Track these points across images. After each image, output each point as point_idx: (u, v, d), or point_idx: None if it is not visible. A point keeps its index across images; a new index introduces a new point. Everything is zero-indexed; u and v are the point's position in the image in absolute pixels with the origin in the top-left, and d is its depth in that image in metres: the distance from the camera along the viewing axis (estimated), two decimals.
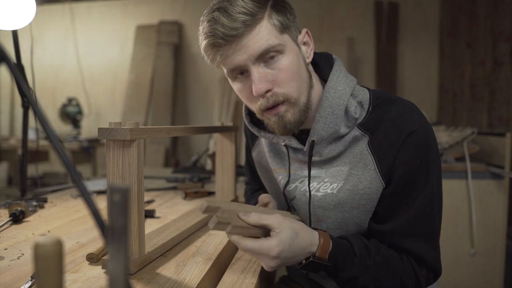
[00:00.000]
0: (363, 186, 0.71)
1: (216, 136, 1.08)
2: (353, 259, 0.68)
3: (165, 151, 3.74)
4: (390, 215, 0.72)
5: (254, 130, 0.83)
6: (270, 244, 0.60)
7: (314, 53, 0.78)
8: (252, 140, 0.95)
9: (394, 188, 0.70)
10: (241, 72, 0.70)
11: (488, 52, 2.60)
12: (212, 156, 1.86)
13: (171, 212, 1.04)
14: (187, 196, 1.21)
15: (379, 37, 3.59)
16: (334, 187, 0.74)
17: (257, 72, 0.67)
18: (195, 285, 0.58)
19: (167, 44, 3.93)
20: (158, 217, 0.98)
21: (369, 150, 0.71)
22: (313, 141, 0.73)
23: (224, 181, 1.10)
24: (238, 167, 1.66)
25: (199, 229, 0.89)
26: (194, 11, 4.06)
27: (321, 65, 0.77)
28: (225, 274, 0.67)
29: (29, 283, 0.56)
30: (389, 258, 0.70)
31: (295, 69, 0.69)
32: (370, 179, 0.71)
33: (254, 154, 0.95)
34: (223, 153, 1.08)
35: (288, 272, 1.04)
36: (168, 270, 0.64)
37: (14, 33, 1.18)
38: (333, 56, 0.79)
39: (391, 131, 0.69)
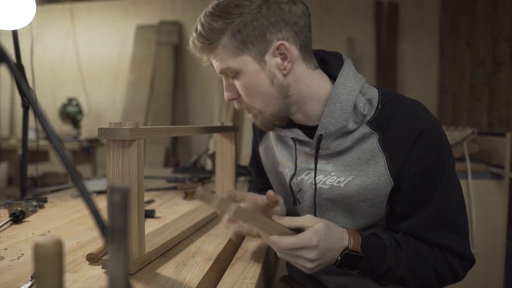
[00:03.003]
0: (371, 181, 0.72)
1: (216, 136, 1.08)
2: (385, 249, 0.70)
3: (165, 151, 3.74)
4: (410, 214, 0.73)
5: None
6: (308, 235, 0.62)
7: (324, 51, 0.81)
8: (260, 134, 0.97)
9: (410, 187, 0.71)
10: None
11: (488, 52, 2.60)
12: (212, 156, 1.86)
13: (171, 212, 1.04)
14: (187, 196, 1.21)
15: (379, 37, 3.59)
16: (341, 181, 0.75)
17: (225, 81, 0.77)
18: (195, 285, 0.58)
19: (167, 44, 3.93)
20: (158, 217, 0.98)
21: (380, 147, 0.72)
22: (320, 135, 0.75)
23: (224, 181, 1.10)
24: (238, 167, 1.66)
25: (199, 229, 0.89)
26: (194, 11, 4.06)
27: (331, 63, 0.79)
28: (225, 274, 0.67)
29: (29, 283, 0.56)
30: (419, 248, 0.72)
31: (253, 88, 0.73)
32: (378, 175, 0.72)
33: (261, 148, 0.96)
34: (223, 153, 1.08)
35: (288, 272, 1.04)
36: (168, 270, 0.64)
37: (14, 33, 1.18)
38: (343, 56, 0.81)
39: (402, 129, 0.71)
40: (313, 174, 0.78)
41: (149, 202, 1.16)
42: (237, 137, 1.10)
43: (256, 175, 1.09)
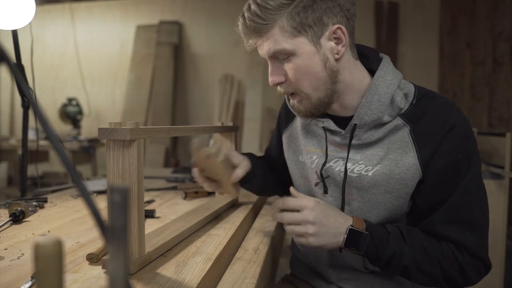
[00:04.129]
0: (400, 171, 0.73)
1: (216, 136, 1.08)
2: (388, 236, 0.72)
3: (165, 151, 3.74)
4: (431, 207, 0.74)
5: (294, 111, 0.87)
6: (305, 198, 0.73)
7: (363, 46, 0.83)
8: (286, 122, 0.98)
9: (435, 179, 0.72)
10: None
11: (488, 52, 2.60)
12: None
13: (171, 212, 1.04)
14: (187, 196, 1.21)
15: (379, 37, 3.59)
16: (369, 169, 0.76)
17: (272, 66, 0.76)
18: (195, 285, 0.58)
19: (167, 44, 3.94)
20: (158, 217, 0.98)
21: (411, 138, 0.73)
22: (355, 124, 0.76)
23: None
24: None
25: (199, 229, 0.89)
26: (194, 11, 4.07)
27: (369, 57, 0.81)
28: (225, 274, 0.67)
29: (29, 283, 0.56)
30: (425, 242, 0.72)
31: (306, 70, 0.73)
32: (408, 165, 0.73)
33: (284, 136, 0.97)
34: None
35: (291, 270, 1.04)
36: (168, 270, 0.64)
37: (14, 33, 1.18)
38: (380, 53, 0.83)
39: (434, 122, 0.72)
40: (342, 162, 0.80)
41: (149, 202, 1.16)
42: (237, 137, 1.10)
43: (268, 160, 1.09)
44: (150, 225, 0.89)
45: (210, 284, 0.65)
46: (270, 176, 1.04)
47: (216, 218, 0.98)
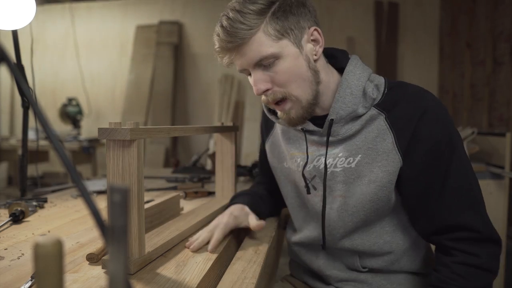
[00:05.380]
0: (381, 158, 0.74)
1: (216, 136, 1.08)
2: None
3: (165, 151, 3.74)
4: (427, 193, 0.74)
5: (272, 118, 0.87)
6: None
7: (331, 48, 0.84)
8: (266, 132, 0.99)
9: (422, 165, 0.72)
10: (249, 72, 0.78)
11: (488, 52, 2.60)
12: (212, 156, 1.85)
13: None
14: (187, 196, 1.21)
15: (379, 37, 3.59)
16: (351, 161, 0.77)
17: (256, 75, 0.75)
18: (195, 285, 0.58)
19: (167, 44, 3.94)
20: None
21: (387, 125, 0.74)
22: (332, 120, 0.77)
23: (224, 181, 1.10)
24: (238, 167, 1.66)
25: (199, 229, 0.88)
26: (194, 11, 4.07)
27: (338, 57, 0.83)
28: (225, 274, 0.67)
29: (29, 283, 0.56)
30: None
31: (293, 71, 0.74)
32: (387, 151, 0.74)
33: (267, 145, 0.98)
34: (223, 153, 1.08)
35: (290, 271, 1.04)
36: (168, 270, 0.64)
37: (14, 33, 1.18)
38: (350, 54, 0.84)
39: (408, 107, 0.73)
40: (324, 159, 0.80)
41: (149, 202, 1.16)
42: (237, 137, 1.10)
43: (263, 176, 1.09)
44: None
45: (210, 284, 0.65)
46: (274, 202, 1.03)
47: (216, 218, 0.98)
